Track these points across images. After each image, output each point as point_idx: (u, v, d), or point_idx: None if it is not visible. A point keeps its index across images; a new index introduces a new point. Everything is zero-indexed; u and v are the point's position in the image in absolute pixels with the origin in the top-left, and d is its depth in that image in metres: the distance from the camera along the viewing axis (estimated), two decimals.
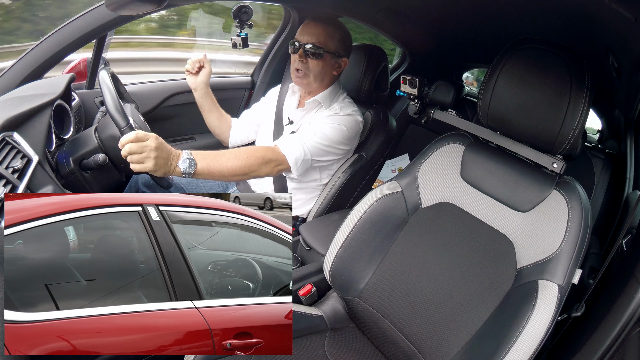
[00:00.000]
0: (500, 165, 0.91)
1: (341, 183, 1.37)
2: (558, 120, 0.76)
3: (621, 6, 0.64)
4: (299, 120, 1.35)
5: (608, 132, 1.88)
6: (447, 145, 0.99)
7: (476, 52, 1.84)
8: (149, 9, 0.89)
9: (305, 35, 1.24)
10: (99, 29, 1.16)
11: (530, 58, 0.80)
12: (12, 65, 1.13)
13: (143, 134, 0.93)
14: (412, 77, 1.18)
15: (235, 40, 1.59)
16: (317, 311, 1.04)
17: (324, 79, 1.29)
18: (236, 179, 1.10)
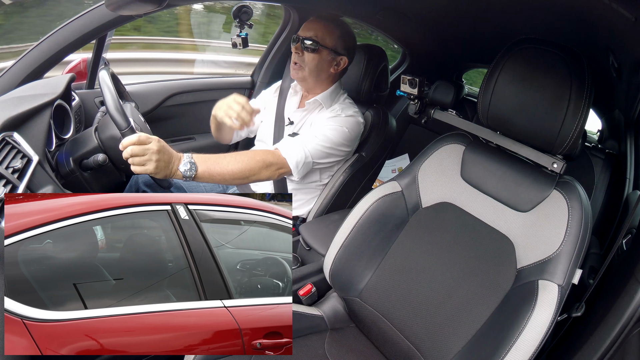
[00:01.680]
0: (501, 165, 0.91)
1: (341, 183, 1.37)
2: (558, 120, 0.76)
3: (621, 6, 0.64)
4: (299, 120, 1.35)
5: (608, 132, 1.88)
6: (447, 145, 0.99)
7: (476, 52, 1.84)
8: (149, 9, 0.89)
9: (306, 30, 1.25)
10: (99, 29, 1.16)
11: (530, 58, 0.80)
12: (12, 65, 1.13)
13: (145, 137, 0.93)
14: (412, 77, 1.18)
15: (235, 40, 1.59)
16: (317, 311, 1.04)
17: (320, 75, 1.28)
18: (237, 182, 1.10)
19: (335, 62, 1.29)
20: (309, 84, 1.31)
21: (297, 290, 1.08)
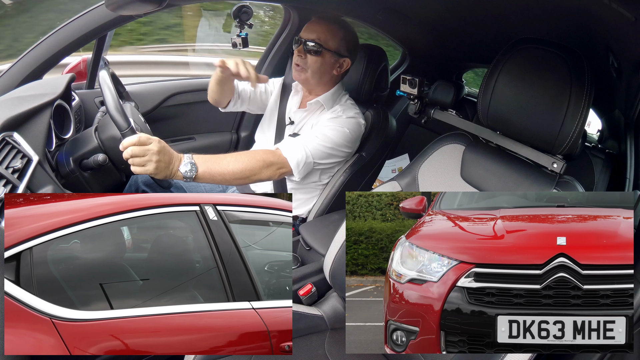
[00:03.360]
0: (501, 165, 0.91)
1: (341, 183, 1.37)
2: (558, 120, 0.76)
3: (621, 6, 0.64)
4: (299, 121, 1.35)
5: (608, 132, 1.88)
6: (447, 145, 0.99)
7: (476, 52, 1.83)
8: (149, 9, 0.89)
9: (308, 32, 1.24)
10: (99, 29, 1.17)
11: (530, 58, 0.80)
12: (12, 65, 1.13)
13: (146, 138, 0.93)
14: (412, 77, 1.19)
15: (235, 40, 1.59)
16: (317, 311, 1.04)
17: (323, 77, 1.28)
18: (238, 182, 1.10)
19: (338, 64, 1.29)
20: (311, 86, 1.31)
21: (297, 290, 1.08)
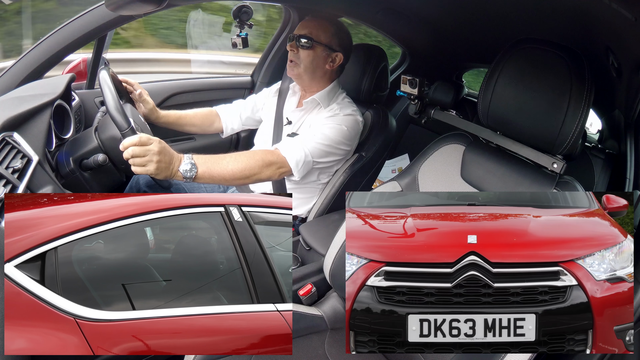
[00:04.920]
0: (501, 165, 0.91)
1: (341, 183, 1.37)
2: (558, 121, 0.76)
3: (621, 6, 0.64)
4: (297, 120, 1.35)
5: (608, 132, 1.88)
6: (447, 145, 0.99)
7: (476, 52, 1.83)
8: (149, 9, 0.89)
9: (301, 29, 1.26)
10: (99, 29, 1.16)
11: (530, 58, 0.80)
12: (12, 65, 1.13)
13: (146, 138, 0.93)
14: (412, 77, 1.18)
15: (235, 40, 1.59)
16: (317, 311, 1.04)
17: (316, 72, 1.28)
18: (238, 182, 1.10)
19: (331, 59, 1.29)
20: (305, 81, 1.31)
21: (297, 290, 1.08)
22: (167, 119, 1.36)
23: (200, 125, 1.46)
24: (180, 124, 1.41)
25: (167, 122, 1.37)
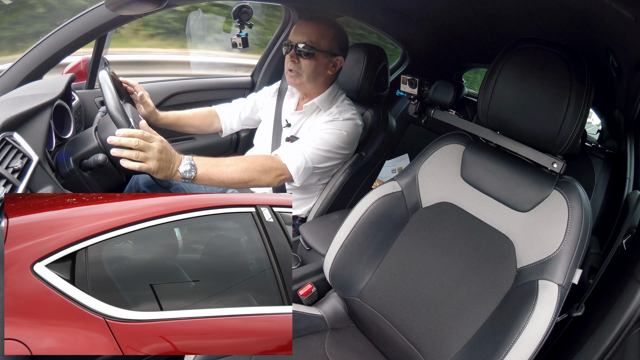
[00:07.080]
0: (500, 165, 0.91)
1: (341, 183, 1.37)
2: (558, 120, 0.76)
3: (621, 6, 0.64)
4: (296, 123, 1.34)
5: (608, 132, 1.88)
6: (447, 145, 0.99)
7: (476, 52, 1.84)
8: (149, 9, 0.89)
9: (298, 35, 1.22)
10: (99, 29, 1.16)
11: (530, 58, 0.80)
12: (12, 65, 1.13)
13: (149, 134, 0.93)
14: (412, 77, 1.18)
15: (235, 40, 1.59)
16: (317, 311, 1.04)
17: (318, 79, 1.27)
18: (236, 186, 1.09)
19: (332, 64, 1.28)
20: (307, 89, 1.31)
21: (297, 290, 1.08)
22: (166, 120, 1.36)
23: (200, 126, 1.46)
24: (179, 124, 1.41)
25: (166, 123, 1.37)
